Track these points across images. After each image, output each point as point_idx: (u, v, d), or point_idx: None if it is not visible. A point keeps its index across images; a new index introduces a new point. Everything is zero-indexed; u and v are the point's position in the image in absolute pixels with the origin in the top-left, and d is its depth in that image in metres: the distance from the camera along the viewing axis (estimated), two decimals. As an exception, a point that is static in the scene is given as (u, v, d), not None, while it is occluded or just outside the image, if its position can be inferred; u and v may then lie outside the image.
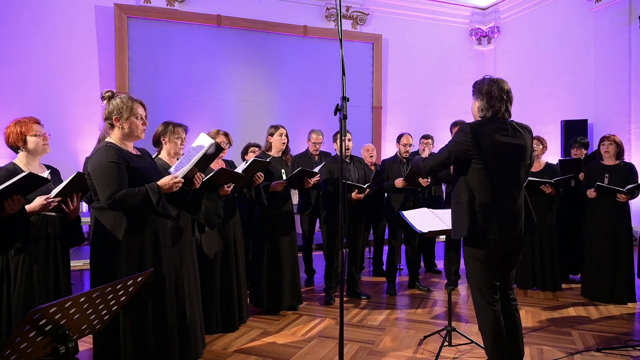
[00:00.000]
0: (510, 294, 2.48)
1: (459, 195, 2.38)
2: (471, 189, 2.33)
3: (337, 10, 2.09)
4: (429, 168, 2.55)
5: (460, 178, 2.39)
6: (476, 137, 2.29)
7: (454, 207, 2.43)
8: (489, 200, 2.30)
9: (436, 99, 8.71)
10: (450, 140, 2.43)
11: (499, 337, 2.36)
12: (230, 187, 3.25)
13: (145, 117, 2.37)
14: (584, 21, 7.46)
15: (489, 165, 2.30)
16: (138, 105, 2.31)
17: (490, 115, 2.36)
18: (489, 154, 2.29)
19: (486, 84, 2.38)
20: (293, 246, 3.89)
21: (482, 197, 2.31)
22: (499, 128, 2.32)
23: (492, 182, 2.31)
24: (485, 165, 2.30)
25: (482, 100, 2.38)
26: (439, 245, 6.08)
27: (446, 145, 2.42)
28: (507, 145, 2.32)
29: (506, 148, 2.32)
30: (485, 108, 2.37)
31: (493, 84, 2.37)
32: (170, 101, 6.87)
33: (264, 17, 7.43)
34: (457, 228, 2.39)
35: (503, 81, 2.39)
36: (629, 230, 4.06)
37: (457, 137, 2.36)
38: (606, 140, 4.11)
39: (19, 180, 1.97)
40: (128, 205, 2.15)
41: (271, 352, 3.06)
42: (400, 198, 4.42)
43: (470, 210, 2.31)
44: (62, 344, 1.34)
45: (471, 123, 2.37)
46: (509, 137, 2.33)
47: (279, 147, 3.89)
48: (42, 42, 6.32)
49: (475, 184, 2.32)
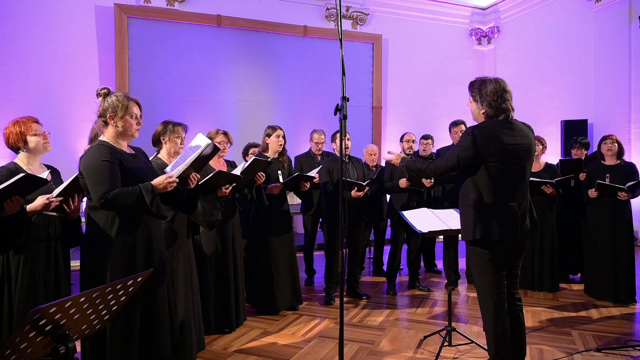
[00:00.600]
0: (515, 294, 2.48)
1: (467, 196, 2.36)
2: (479, 190, 2.32)
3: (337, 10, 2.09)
4: (438, 173, 2.54)
5: (467, 179, 2.38)
6: (483, 141, 2.28)
7: (462, 209, 2.41)
8: (497, 201, 2.30)
9: (436, 99, 8.71)
10: (457, 144, 2.40)
11: (505, 338, 2.35)
12: (228, 189, 3.24)
13: (140, 116, 2.33)
14: (584, 21, 7.46)
15: (497, 166, 2.29)
16: (134, 104, 2.28)
17: (495, 116, 2.35)
18: (496, 156, 2.28)
19: (488, 85, 2.35)
20: (290, 246, 3.87)
21: (491, 198, 2.30)
22: (504, 128, 2.31)
23: (500, 183, 2.30)
24: (493, 166, 2.29)
25: (485, 102, 2.35)
26: (439, 245, 6.08)
27: (453, 150, 2.39)
28: (513, 146, 2.31)
29: (513, 148, 2.30)
30: (489, 109, 2.35)
31: (494, 84, 2.34)
32: (170, 101, 6.87)
33: (264, 17, 7.43)
34: (466, 230, 2.37)
35: (502, 80, 2.38)
36: (629, 230, 4.05)
37: (464, 142, 2.33)
38: (608, 139, 4.11)
39: (16, 182, 1.97)
40: (121, 204, 2.12)
41: (271, 352, 3.06)
42: (403, 198, 4.43)
43: (479, 211, 2.30)
44: (62, 344, 1.34)
45: (477, 126, 2.35)
46: (515, 137, 2.32)
47: (276, 149, 3.86)
48: (42, 42, 6.32)
49: (484, 185, 2.31)
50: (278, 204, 3.83)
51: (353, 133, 4.46)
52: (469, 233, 2.36)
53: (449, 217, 3.05)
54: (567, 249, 4.72)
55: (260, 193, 3.59)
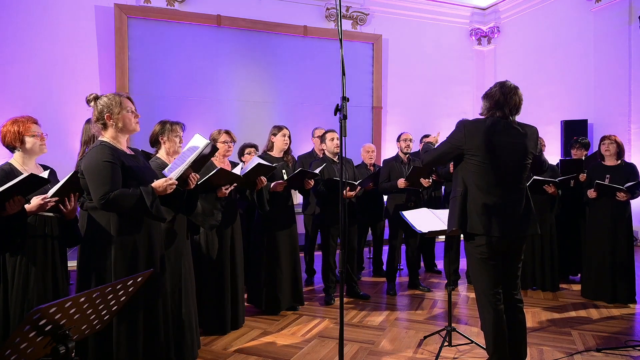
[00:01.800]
0: (515, 294, 2.49)
1: (455, 189, 2.49)
2: (466, 184, 2.42)
3: (337, 11, 2.09)
4: (427, 162, 2.72)
5: (458, 174, 2.49)
6: (469, 134, 2.39)
7: (450, 201, 2.54)
8: (482, 197, 2.36)
9: (436, 99, 8.71)
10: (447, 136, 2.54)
11: (500, 336, 2.36)
12: (228, 190, 3.23)
13: (135, 109, 2.33)
14: (584, 21, 7.46)
15: (482, 161, 2.36)
16: (126, 99, 2.28)
17: (489, 111, 2.45)
18: (481, 150, 2.35)
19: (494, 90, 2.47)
20: (293, 246, 3.88)
21: (475, 193, 2.38)
22: (497, 125, 2.37)
23: (487, 180, 2.36)
24: (479, 162, 2.37)
25: (484, 100, 2.49)
26: (439, 245, 6.08)
27: (443, 141, 2.56)
28: (505, 145, 2.35)
29: (504, 147, 2.35)
30: (485, 104, 2.48)
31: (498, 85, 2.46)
32: (170, 101, 6.86)
33: (264, 17, 7.42)
34: (450, 220, 2.51)
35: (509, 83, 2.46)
36: (629, 230, 4.05)
37: (452, 134, 2.49)
38: (607, 140, 4.11)
39: (20, 181, 1.97)
40: (121, 206, 2.12)
41: (271, 352, 3.06)
42: (400, 198, 4.42)
43: (462, 204, 2.41)
44: (62, 344, 1.34)
45: (465, 120, 2.49)
46: (508, 135, 2.37)
47: (281, 148, 3.88)
48: (42, 42, 6.32)
49: (470, 181, 2.41)
50: (282, 204, 3.82)
51: (353, 133, 4.45)
52: (450, 223, 2.49)
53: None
54: (567, 249, 4.72)
55: (262, 197, 3.58)
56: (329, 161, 4.20)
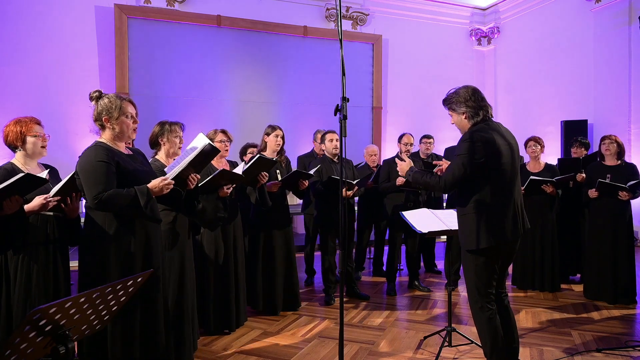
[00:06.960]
0: (502, 291, 2.51)
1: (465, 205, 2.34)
2: (479, 196, 2.30)
3: (337, 11, 2.09)
4: (449, 187, 2.40)
5: (463, 188, 2.37)
6: (483, 144, 2.27)
7: (461, 219, 2.38)
8: (498, 204, 2.30)
9: (436, 99, 8.57)
10: (459, 153, 2.35)
11: (497, 336, 2.38)
12: (229, 189, 3.23)
13: (136, 114, 2.32)
14: (584, 21, 7.46)
15: (496, 168, 2.30)
16: (127, 103, 2.26)
17: (475, 115, 2.38)
18: (496, 157, 2.29)
19: (459, 91, 2.43)
20: (288, 247, 3.85)
21: (492, 202, 2.29)
22: (492, 130, 2.35)
23: (500, 184, 2.32)
24: (493, 168, 2.30)
25: (463, 105, 2.40)
26: (439, 245, 6.08)
27: (456, 160, 2.35)
28: (506, 147, 2.35)
29: (506, 149, 2.34)
30: (468, 110, 2.39)
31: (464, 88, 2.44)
32: (170, 101, 6.87)
33: (264, 17, 7.43)
34: (469, 239, 2.33)
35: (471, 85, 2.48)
36: (629, 230, 4.05)
37: (465, 149, 2.30)
38: (607, 139, 4.11)
39: (16, 181, 1.96)
40: (115, 205, 2.11)
41: (271, 352, 3.06)
42: (399, 198, 4.42)
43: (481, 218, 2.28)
44: (62, 344, 1.34)
45: (472, 132, 2.35)
46: (503, 137, 2.36)
47: (274, 148, 3.85)
48: (42, 42, 6.32)
49: (484, 190, 2.29)
50: (277, 205, 3.82)
51: (353, 133, 4.45)
52: (472, 242, 2.32)
53: (449, 217, 3.04)
54: (567, 250, 4.72)
55: (264, 193, 3.58)
56: (328, 161, 4.20)
